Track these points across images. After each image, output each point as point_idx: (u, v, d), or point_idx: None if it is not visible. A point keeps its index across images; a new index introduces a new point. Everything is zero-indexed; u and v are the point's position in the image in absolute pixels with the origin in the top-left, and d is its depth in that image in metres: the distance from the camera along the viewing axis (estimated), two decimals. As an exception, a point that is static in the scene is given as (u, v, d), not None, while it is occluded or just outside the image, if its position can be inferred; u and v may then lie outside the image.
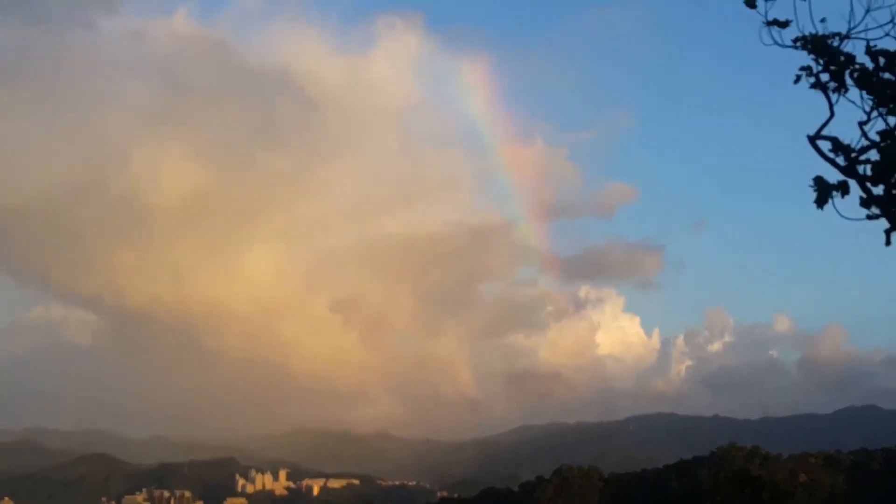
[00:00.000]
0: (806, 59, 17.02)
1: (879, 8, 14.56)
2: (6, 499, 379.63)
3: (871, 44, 16.24)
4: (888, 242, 15.63)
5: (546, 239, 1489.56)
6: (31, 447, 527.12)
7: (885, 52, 17.01)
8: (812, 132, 17.48)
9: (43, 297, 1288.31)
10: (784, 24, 16.61)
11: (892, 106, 17.43)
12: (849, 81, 17.47)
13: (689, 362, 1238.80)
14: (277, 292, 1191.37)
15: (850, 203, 17.23)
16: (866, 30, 15.28)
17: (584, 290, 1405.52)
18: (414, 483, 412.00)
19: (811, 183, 17.65)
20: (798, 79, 17.41)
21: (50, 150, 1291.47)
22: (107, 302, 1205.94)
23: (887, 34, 14.76)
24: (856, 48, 17.03)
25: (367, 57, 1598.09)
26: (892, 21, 14.49)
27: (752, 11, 17.15)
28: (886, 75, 17.30)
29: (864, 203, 17.70)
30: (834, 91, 17.43)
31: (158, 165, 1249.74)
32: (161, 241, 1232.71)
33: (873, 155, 17.82)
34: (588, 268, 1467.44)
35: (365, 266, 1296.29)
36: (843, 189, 17.51)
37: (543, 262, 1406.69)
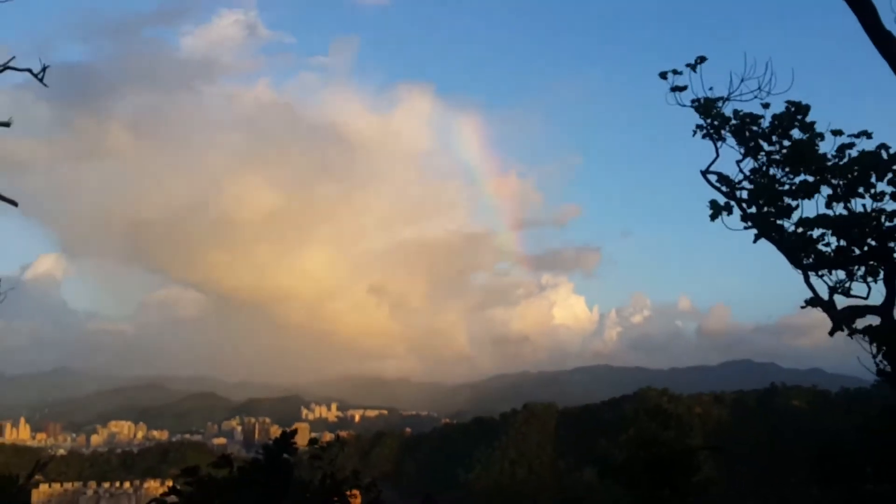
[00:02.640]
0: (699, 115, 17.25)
1: (750, 78, 14.62)
2: (141, 423, 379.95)
3: (744, 102, 16.49)
4: (755, 241, 15.96)
5: (518, 242, 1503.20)
6: (158, 388, 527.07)
7: (749, 115, 17.20)
8: (703, 168, 17.65)
9: (165, 282, 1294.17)
10: (682, 89, 16.74)
11: (755, 151, 17.57)
12: (727, 133, 17.64)
13: (618, 329, 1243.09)
14: (329, 281, 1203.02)
15: (733, 218, 17.32)
16: (741, 94, 15.37)
17: (545, 278, 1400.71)
18: (426, 413, 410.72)
19: (708, 204, 17.87)
20: (694, 133, 17.52)
21: (168, 180, 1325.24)
22: (209, 287, 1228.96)
23: (755, 97, 14.85)
24: (736, 106, 17.22)
25: (393, 114, 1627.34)
26: (759, 88, 14.60)
27: (670, 81, 17.32)
28: (755, 128, 17.38)
29: (744, 219, 17.84)
30: (717, 139, 17.54)
31: (244, 192, 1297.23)
32: (246, 245, 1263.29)
33: (748, 185, 17.96)
34: (547, 262, 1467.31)
35: (391, 262, 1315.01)
36: (728, 209, 17.70)
37: (516, 258, 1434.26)
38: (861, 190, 17.48)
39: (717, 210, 17.94)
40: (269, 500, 12.33)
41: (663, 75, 17.18)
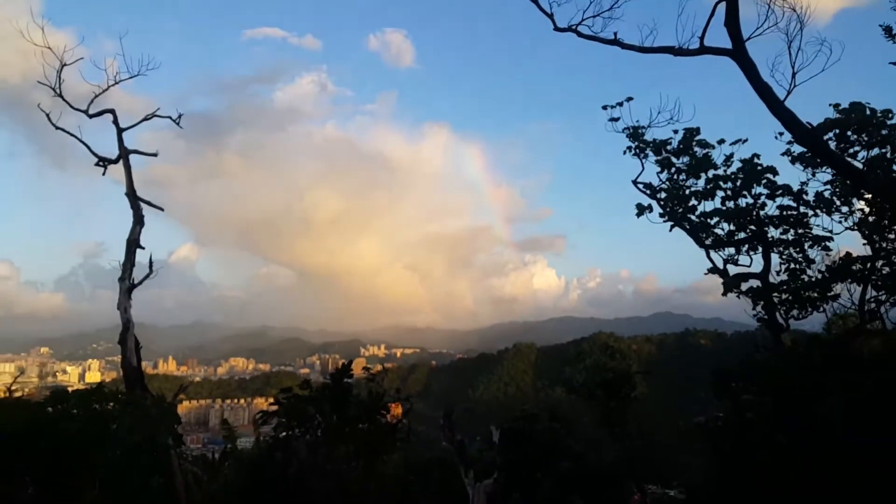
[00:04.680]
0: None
1: (665, 112, 14.51)
2: (251, 359, 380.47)
3: (660, 129, 16.54)
4: (671, 230, 15.82)
5: (508, 233, 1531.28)
6: (262, 334, 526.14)
7: (663, 140, 17.09)
8: (633, 179, 17.61)
9: (265, 262, 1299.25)
10: (616, 119, 16.80)
11: (668, 165, 17.48)
12: (650, 152, 17.54)
13: (578, 291, 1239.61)
14: (378, 261, 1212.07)
15: (654, 214, 17.17)
16: (658, 123, 15.26)
17: (527, 257, 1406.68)
18: (446, 351, 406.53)
19: (635, 206, 17.82)
20: (625, 153, 17.43)
21: (265, 192, 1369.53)
22: (296, 265, 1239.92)
23: (668, 124, 14.76)
24: (655, 132, 17.19)
25: (421, 145, 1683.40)
26: (670, 119, 14.46)
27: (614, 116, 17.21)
28: (668, 147, 17.28)
29: (662, 215, 17.74)
30: (642, 157, 17.43)
31: (318, 200, 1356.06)
32: (320, 236, 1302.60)
33: (665, 190, 17.87)
34: (529, 246, 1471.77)
35: (421, 248, 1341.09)
36: (649, 209, 17.64)
37: (507, 244, 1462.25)
38: (744, 192, 17.48)
39: (641, 210, 18.11)
40: (336, 409, 12.54)
41: (605, 107, 17.27)
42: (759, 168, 17.00)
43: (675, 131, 16.88)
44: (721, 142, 17.31)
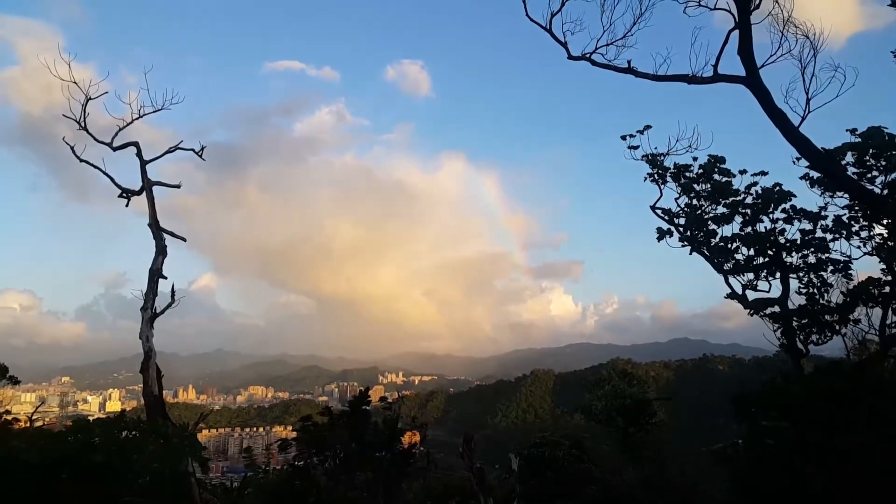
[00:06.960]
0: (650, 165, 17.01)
1: (683, 139, 14.52)
2: (270, 387, 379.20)
3: (678, 156, 16.50)
4: (690, 253, 15.70)
5: (525, 259, 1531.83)
6: (281, 362, 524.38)
7: (683, 166, 17.01)
8: (652, 204, 17.52)
9: (284, 291, 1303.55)
10: (635, 147, 16.81)
11: (688, 191, 17.38)
12: (669, 178, 17.49)
13: (596, 318, 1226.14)
14: (396, 288, 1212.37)
15: (673, 239, 17.01)
16: (677, 151, 15.25)
17: (544, 283, 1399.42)
18: (464, 378, 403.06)
19: (656, 230, 17.74)
20: (645, 179, 17.39)
21: (284, 221, 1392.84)
22: (315, 293, 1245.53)
23: (687, 151, 14.75)
24: (675, 159, 17.17)
25: (438, 174, 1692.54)
26: (689, 146, 14.47)
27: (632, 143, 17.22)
28: (688, 174, 17.20)
29: (681, 240, 17.64)
30: (661, 183, 17.37)
31: (337, 228, 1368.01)
32: (339, 265, 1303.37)
33: (683, 215, 17.75)
34: (545, 272, 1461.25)
35: (438, 274, 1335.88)
36: (669, 234, 17.52)
37: (524, 270, 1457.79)
38: (762, 217, 17.38)
39: (661, 235, 18.00)
40: (354, 435, 12.53)
41: (623, 137, 17.33)
42: (778, 194, 16.94)
43: (695, 158, 16.93)
44: (743, 172, 17.29)
